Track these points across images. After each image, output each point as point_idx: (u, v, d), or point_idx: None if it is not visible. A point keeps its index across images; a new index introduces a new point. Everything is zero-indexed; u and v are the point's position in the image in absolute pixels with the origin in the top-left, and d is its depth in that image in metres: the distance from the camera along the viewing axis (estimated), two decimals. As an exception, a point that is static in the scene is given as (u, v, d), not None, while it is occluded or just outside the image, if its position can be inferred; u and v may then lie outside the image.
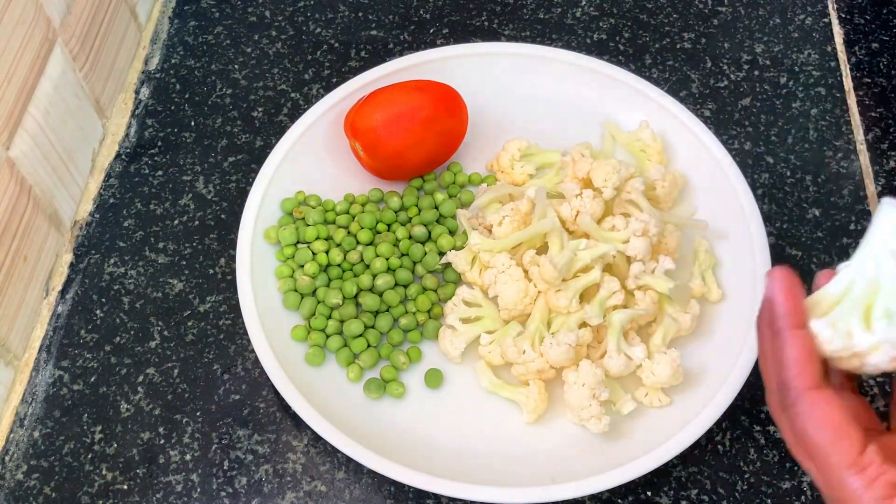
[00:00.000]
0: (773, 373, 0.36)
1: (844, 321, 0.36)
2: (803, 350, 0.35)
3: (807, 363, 0.35)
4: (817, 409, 0.34)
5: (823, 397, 0.35)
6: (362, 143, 0.61)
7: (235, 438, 0.55)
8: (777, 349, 0.36)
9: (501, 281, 0.55)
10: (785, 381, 0.35)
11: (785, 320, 0.36)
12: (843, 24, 0.74)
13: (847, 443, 0.34)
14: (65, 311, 0.60)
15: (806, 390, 0.35)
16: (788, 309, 0.36)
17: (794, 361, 0.35)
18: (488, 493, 0.49)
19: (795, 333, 0.36)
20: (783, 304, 0.36)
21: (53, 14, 0.59)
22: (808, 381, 0.35)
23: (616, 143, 0.65)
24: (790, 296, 0.36)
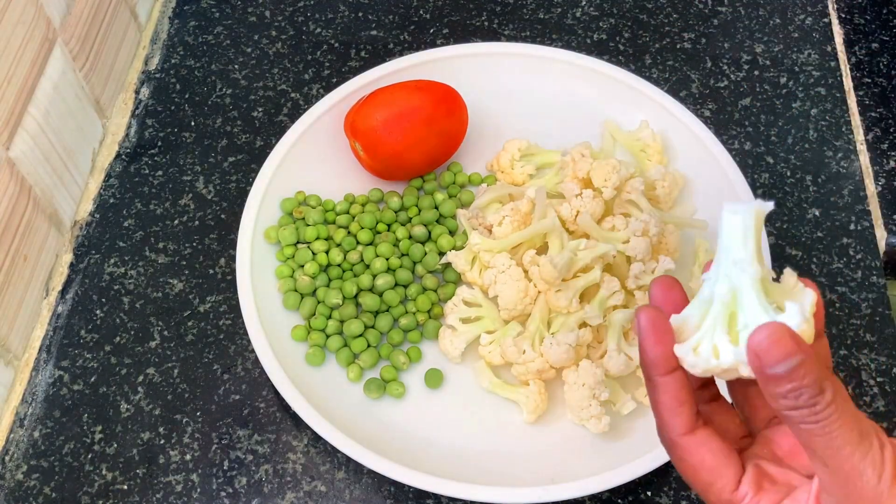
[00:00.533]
0: (655, 415, 0.36)
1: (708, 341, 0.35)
2: (672, 397, 0.35)
3: (677, 410, 0.35)
4: (690, 454, 0.35)
5: (695, 442, 0.35)
6: (362, 143, 0.61)
7: (235, 438, 0.55)
8: (650, 394, 0.36)
9: (501, 281, 0.55)
10: (660, 427, 0.36)
11: (653, 368, 0.35)
12: (844, 24, 0.74)
13: (720, 483, 0.35)
14: (65, 311, 0.60)
15: (678, 437, 0.35)
16: (655, 356, 0.35)
17: (665, 408, 0.35)
18: (488, 493, 0.49)
19: (664, 381, 0.35)
20: (650, 351, 0.35)
21: (53, 14, 0.59)
22: (679, 427, 0.35)
23: (616, 143, 0.65)
24: (657, 340, 0.35)
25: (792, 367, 0.30)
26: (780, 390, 0.31)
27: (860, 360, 0.58)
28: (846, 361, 0.57)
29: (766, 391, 0.32)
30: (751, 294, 0.34)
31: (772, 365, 0.31)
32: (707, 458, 0.35)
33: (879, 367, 0.57)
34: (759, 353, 0.31)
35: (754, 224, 0.35)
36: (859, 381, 0.57)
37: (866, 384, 0.57)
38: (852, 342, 0.58)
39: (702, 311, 0.36)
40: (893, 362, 0.57)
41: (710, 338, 0.35)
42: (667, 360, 0.35)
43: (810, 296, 0.35)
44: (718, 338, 0.35)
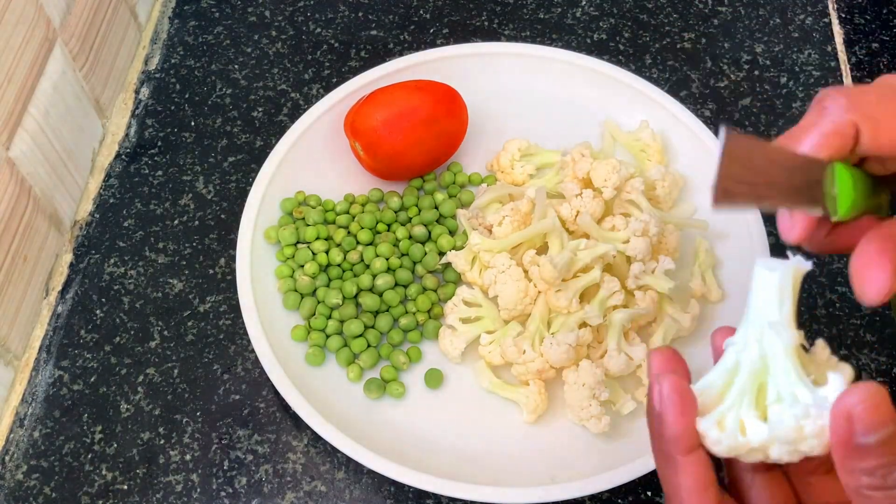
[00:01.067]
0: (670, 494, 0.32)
1: (734, 414, 0.31)
2: (697, 480, 0.30)
3: (702, 494, 0.30)
4: None
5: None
6: (362, 143, 0.61)
7: (235, 438, 0.55)
8: (670, 474, 0.31)
9: (501, 281, 0.55)
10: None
11: (674, 445, 0.31)
12: (844, 24, 0.74)
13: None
14: (65, 311, 0.60)
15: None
16: (678, 431, 0.31)
17: (689, 492, 0.31)
18: (488, 493, 0.49)
19: (686, 461, 0.31)
20: (674, 425, 0.31)
21: (53, 14, 0.59)
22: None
23: (616, 143, 0.65)
24: (683, 412, 0.31)
25: (885, 437, 0.26)
26: (865, 465, 0.27)
27: (860, 360, 0.58)
28: (846, 361, 0.57)
29: (846, 466, 0.27)
30: (786, 363, 0.30)
31: (865, 434, 0.26)
32: None
33: (879, 367, 0.57)
34: (852, 418, 0.27)
35: (791, 284, 0.31)
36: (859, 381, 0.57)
37: (866, 384, 0.57)
38: (852, 342, 0.58)
39: (725, 380, 0.32)
40: (893, 362, 0.57)
41: (737, 411, 0.31)
42: (691, 435, 0.31)
43: (848, 371, 0.31)
44: (746, 412, 0.31)
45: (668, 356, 0.33)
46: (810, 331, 0.58)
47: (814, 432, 0.29)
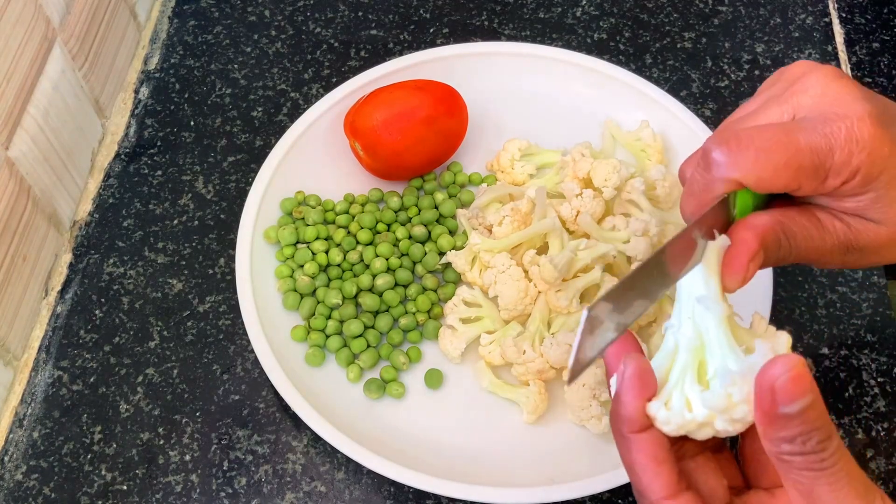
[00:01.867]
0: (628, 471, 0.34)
1: (678, 393, 0.32)
2: (649, 456, 0.32)
3: (655, 471, 0.32)
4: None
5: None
6: (362, 143, 0.61)
7: (235, 439, 0.55)
8: (624, 455, 0.33)
9: (501, 281, 0.54)
10: (640, 490, 0.33)
11: (626, 425, 0.32)
12: (844, 24, 0.74)
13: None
14: (64, 311, 0.60)
15: (659, 500, 0.32)
16: (631, 412, 0.32)
17: (642, 469, 0.32)
18: (488, 494, 0.49)
19: (638, 438, 0.32)
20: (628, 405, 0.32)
21: (53, 13, 0.59)
22: (660, 490, 0.32)
23: (616, 142, 0.64)
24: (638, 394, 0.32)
25: (804, 406, 0.28)
26: (786, 434, 0.28)
27: (860, 360, 0.58)
28: (846, 361, 0.57)
29: (768, 435, 0.29)
30: (718, 334, 0.31)
31: (786, 404, 0.28)
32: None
33: (880, 367, 0.57)
34: (774, 389, 0.28)
35: (715, 261, 0.32)
36: (860, 381, 0.57)
37: (867, 384, 0.57)
38: (853, 342, 0.58)
39: (667, 362, 0.33)
40: (894, 362, 0.57)
41: (681, 390, 0.32)
42: (641, 416, 0.32)
43: (783, 338, 0.32)
44: (690, 389, 0.32)
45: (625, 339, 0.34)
46: (811, 331, 0.58)
47: (742, 398, 0.30)
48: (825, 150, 0.34)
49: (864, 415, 0.55)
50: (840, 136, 0.34)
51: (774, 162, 0.33)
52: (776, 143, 0.34)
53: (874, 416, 0.55)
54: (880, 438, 0.54)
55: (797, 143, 0.34)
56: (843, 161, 0.34)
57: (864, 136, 0.34)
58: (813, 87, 0.36)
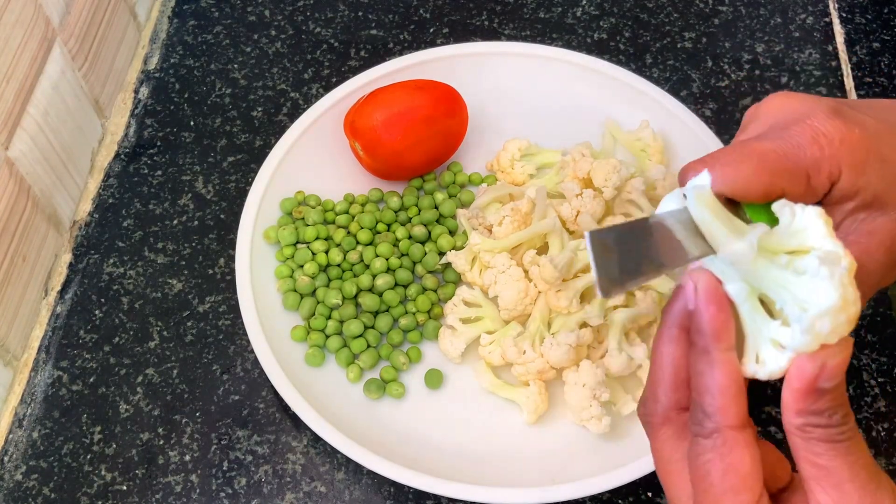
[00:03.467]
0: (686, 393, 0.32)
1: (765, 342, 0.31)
2: (732, 380, 0.31)
3: (735, 397, 0.31)
4: (731, 451, 0.31)
5: (743, 440, 0.31)
6: (362, 142, 0.61)
7: (235, 439, 0.55)
8: (700, 371, 0.31)
9: (501, 281, 0.54)
10: (705, 409, 0.31)
11: (714, 340, 0.31)
12: (844, 24, 0.74)
13: (745, 497, 0.31)
14: (64, 311, 0.60)
15: (727, 428, 0.31)
16: (719, 325, 0.31)
17: (721, 392, 0.31)
18: (488, 494, 0.49)
19: (726, 358, 0.31)
20: (713, 319, 0.31)
21: (52, 13, 0.59)
22: (734, 417, 0.31)
23: (616, 142, 0.64)
24: (722, 308, 0.31)
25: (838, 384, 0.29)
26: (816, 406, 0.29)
27: (861, 360, 0.57)
28: (847, 362, 0.57)
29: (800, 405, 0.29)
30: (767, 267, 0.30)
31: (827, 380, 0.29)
32: (747, 461, 0.30)
33: (880, 368, 0.57)
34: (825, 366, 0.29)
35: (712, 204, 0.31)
36: (860, 381, 0.57)
37: (867, 384, 0.56)
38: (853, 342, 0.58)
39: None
40: (894, 362, 0.57)
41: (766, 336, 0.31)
42: (730, 332, 0.31)
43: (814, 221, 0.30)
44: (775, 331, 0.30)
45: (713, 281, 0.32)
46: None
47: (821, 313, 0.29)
48: (794, 151, 0.33)
49: (864, 415, 0.55)
50: (805, 135, 0.34)
51: (743, 172, 0.33)
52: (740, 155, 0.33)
53: (874, 416, 0.55)
54: (880, 438, 0.54)
55: (761, 150, 0.33)
56: (817, 156, 0.33)
57: (828, 128, 0.33)
58: (772, 108, 0.36)
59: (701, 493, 0.31)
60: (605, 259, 0.30)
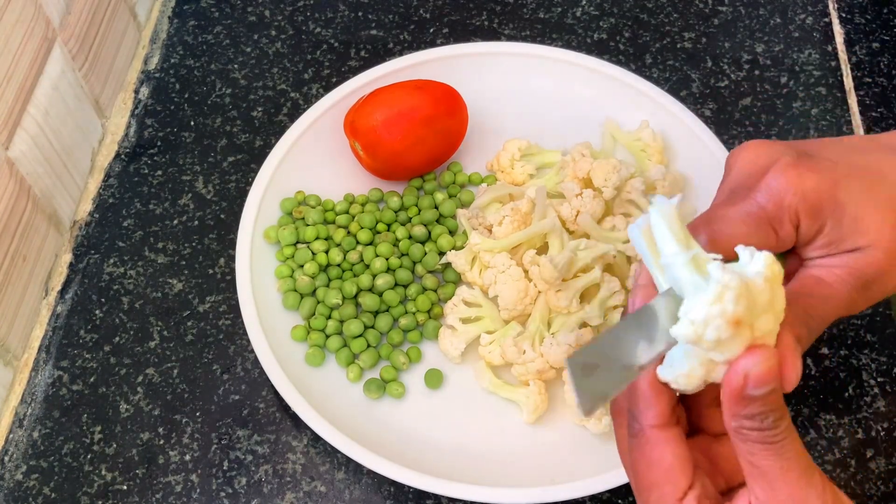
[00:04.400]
0: (623, 400, 0.36)
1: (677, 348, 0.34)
2: (651, 385, 0.34)
3: (655, 399, 0.34)
4: (653, 448, 0.34)
5: (663, 437, 0.34)
6: (362, 142, 0.61)
7: (235, 439, 0.55)
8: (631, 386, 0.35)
9: (501, 281, 0.54)
10: (632, 411, 0.35)
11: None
12: (844, 24, 0.74)
13: (668, 489, 0.34)
14: (64, 311, 0.60)
15: (649, 427, 0.34)
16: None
17: (642, 397, 0.34)
18: (488, 494, 0.49)
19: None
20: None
21: (53, 13, 0.59)
22: (654, 418, 0.34)
23: (616, 142, 0.64)
24: None
25: (768, 392, 0.31)
26: (748, 411, 0.31)
27: (860, 360, 0.58)
28: (846, 361, 0.57)
29: (732, 410, 0.32)
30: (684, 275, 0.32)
31: (754, 388, 0.31)
32: (667, 457, 0.34)
33: (880, 368, 0.57)
34: (748, 375, 0.31)
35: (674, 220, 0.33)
36: (860, 381, 0.57)
37: (867, 384, 0.57)
38: (853, 342, 0.58)
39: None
40: (894, 362, 0.57)
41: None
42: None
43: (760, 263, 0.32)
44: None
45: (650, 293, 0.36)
46: (811, 331, 0.58)
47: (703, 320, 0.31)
48: (757, 211, 0.37)
49: (864, 415, 0.55)
50: (763, 193, 0.37)
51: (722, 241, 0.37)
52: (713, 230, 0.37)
53: (874, 416, 0.55)
54: (880, 438, 0.54)
55: (729, 218, 0.37)
56: (777, 208, 0.37)
57: (781, 182, 0.37)
58: (741, 161, 0.39)
59: (635, 482, 0.35)
60: (584, 382, 0.33)
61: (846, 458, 0.54)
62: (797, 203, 0.37)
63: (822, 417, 0.55)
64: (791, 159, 0.37)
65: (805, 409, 0.56)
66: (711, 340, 0.31)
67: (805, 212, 0.37)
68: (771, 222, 0.37)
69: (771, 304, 0.32)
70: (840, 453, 0.54)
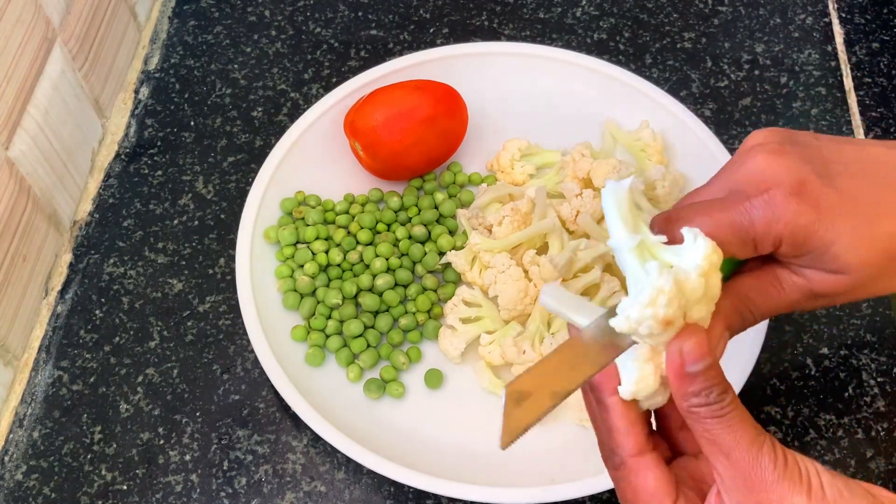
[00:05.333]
0: (602, 437, 0.38)
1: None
2: (624, 417, 0.36)
3: (629, 430, 0.36)
4: (636, 475, 0.36)
5: (643, 464, 0.36)
6: (362, 143, 0.61)
7: (235, 439, 0.55)
8: (598, 418, 0.37)
9: (501, 281, 0.54)
10: (611, 446, 0.37)
11: (602, 390, 0.36)
12: (844, 24, 0.74)
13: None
14: (64, 311, 0.60)
15: (629, 457, 0.36)
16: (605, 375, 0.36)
17: (617, 430, 0.36)
18: (488, 494, 0.49)
19: (613, 401, 0.36)
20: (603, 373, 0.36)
21: (53, 14, 0.59)
22: (631, 448, 0.36)
23: (616, 142, 0.64)
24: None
25: (706, 366, 0.33)
26: (693, 388, 0.34)
27: (860, 360, 0.58)
28: (846, 361, 0.57)
29: (679, 390, 0.34)
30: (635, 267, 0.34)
31: (691, 364, 0.33)
32: (650, 481, 0.36)
33: (880, 368, 0.57)
34: (682, 353, 0.33)
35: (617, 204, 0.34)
36: (860, 381, 0.57)
37: (867, 384, 0.57)
38: (852, 342, 0.58)
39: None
40: (893, 362, 0.57)
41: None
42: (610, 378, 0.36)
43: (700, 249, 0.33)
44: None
45: None
46: (811, 330, 0.58)
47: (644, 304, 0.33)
48: (746, 225, 0.38)
49: (864, 415, 0.55)
50: (758, 212, 0.38)
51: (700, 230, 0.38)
52: (700, 223, 0.38)
53: (874, 416, 0.55)
54: (880, 438, 0.54)
55: (718, 221, 0.38)
56: (764, 231, 0.38)
57: (778, 211, 0.37)
58: (749, 161, 0.40)
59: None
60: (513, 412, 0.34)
61: (846, 458, 0.54)
62: (786, 234, 0.38)
63: (822, 417, 0.55)
64: (796, 186, 0.38)
65: (805, 409, 0.56)
66: (644, 335, 0.33)
67: (790, 244, 0.38)
68: (755, 239, 0.38)
69: (704, 294, 0.34)
70: (840, 453, 0.54)
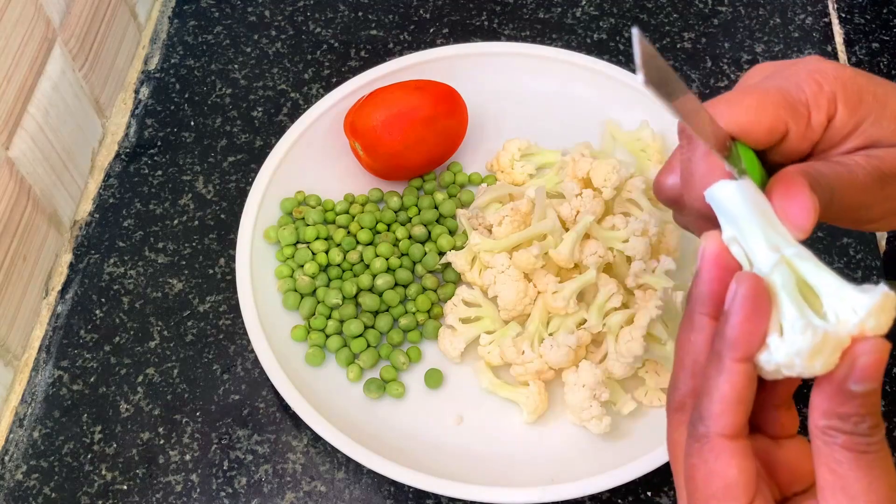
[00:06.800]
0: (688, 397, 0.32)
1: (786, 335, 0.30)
2: (735, 391, 0.30)
3: (733, 407, 0.30)
4: (719, 458, 0.30)
5: (731, 449, 0.30)
6: (362, 143, 0.61)
7: (235, 438, 0.55)
8: (708, 374, 0.30)
9: (501, 281, 0.54)
10: (702, 412, 0.30)
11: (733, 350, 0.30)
12: (844, 24, 0.74)
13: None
14: (64, 310, 0.60)
15: (717, 435, 0.30)
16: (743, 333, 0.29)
17: (720, 399, 0.30)
18: (488, 493, 0.49)
19: (736, 368, 0.30)
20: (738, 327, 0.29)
21: (53, 14, 0.59)
22: (725, 427, 0.30)
23: (616, 142, 0.65)
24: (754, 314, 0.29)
25: (870, 389, 0.28)
26: (843, 410, 0.28)
27: (860, 360, 0.57)
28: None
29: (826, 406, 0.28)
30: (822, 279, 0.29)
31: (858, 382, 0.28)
32: (732, 471, 0.30)
33: (880, 368, 0.57)
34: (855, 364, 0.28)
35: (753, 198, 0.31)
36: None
37: (866, 384, 0.56)
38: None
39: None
40: (894, 362, 0.57)
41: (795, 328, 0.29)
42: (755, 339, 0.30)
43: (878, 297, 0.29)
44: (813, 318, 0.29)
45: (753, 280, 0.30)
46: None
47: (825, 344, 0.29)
48: (793, 89, 0.34)
49: (864, 415, 0.55)
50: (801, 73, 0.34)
51: (746, 105, 0.33)
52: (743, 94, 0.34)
53: (874, 415, 0.55)
54: (880, 438, 0.54)
55: (762, 89, 0.34)
56: (815, 91, 0.33)
57: (822, 66, 0.34)
58: (765, 65, 0.37)
59: (687, 490, 0.31)
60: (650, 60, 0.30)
61: (846, 458, 0.54)
62: (837, 89, 0.33)
63: (822, 417, 0.55)
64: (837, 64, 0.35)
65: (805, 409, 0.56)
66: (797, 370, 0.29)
67: (844, 101, 0.33)
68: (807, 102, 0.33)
69: None
70: (840, 453, 0.54)
